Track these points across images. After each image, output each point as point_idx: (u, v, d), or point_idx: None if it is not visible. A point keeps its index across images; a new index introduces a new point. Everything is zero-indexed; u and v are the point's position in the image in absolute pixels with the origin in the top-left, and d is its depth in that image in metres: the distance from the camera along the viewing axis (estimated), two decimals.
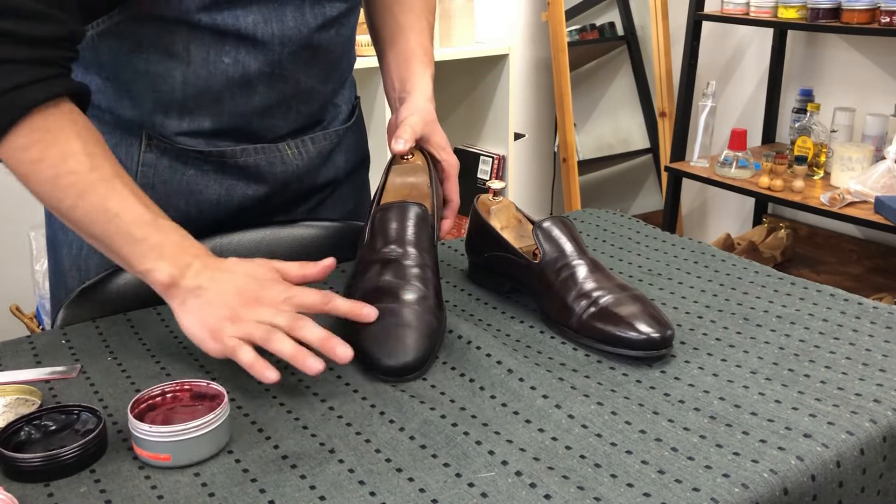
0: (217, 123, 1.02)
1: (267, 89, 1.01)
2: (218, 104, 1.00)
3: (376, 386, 0.80)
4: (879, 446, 0.72)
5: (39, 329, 2.12)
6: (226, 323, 0.78)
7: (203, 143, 1.02)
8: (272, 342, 0.77)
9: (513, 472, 0.66)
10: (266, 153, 1.06)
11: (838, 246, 2.86)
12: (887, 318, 0.92)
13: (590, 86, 3.19)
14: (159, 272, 0.80)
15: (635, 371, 0.82)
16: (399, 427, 0.74)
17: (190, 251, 0.81)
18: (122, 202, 0.81)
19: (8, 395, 0.78)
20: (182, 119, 1.00)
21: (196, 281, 0.79)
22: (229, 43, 0.96)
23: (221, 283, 0.79)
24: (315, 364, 0.76)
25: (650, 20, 3.11)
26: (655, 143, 3.23)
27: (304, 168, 1.11)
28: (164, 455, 0.68)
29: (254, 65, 0.98)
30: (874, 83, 2.67)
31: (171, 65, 0.96)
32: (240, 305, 0.78)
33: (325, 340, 0.77)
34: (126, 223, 0.81)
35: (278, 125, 1.06)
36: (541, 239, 0.91)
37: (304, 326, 0.77)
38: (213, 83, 0.98)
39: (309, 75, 1.04)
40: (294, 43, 0.99)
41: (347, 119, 1.17)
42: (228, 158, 1.03)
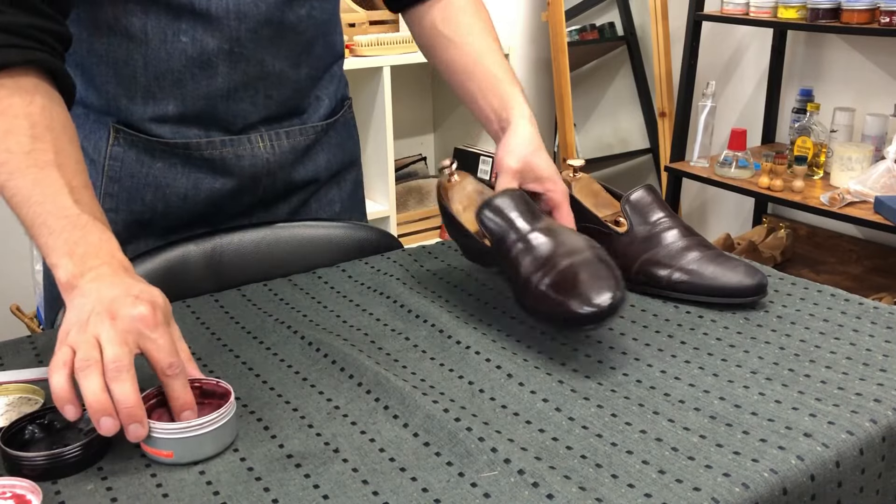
0: (181, 107, 1.01)
1: (228, 70, 1.00)
2: (180, 86, 0.99)
3: (382, 382, 0.80)
4: (879, 446, 0.72)
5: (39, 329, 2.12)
6: (73, 328, 0.69)
7: (170, 132, 1.01)
8: (86, 373, 0.66)
9: (515, 470, 0.66)
10: (234, 145, 1.05)
11: (838, 246, 2.87)
12: (888, 318, 0.92)
13: (590, 86, 3.20)
14: (62, 269, 0.73)
15: (636, 371, 0.82)
16: (403, 423, 0.74)
17: (102, 257, 0.74)
18: (49, 191, 0.76)
19: (10, 395, 0.79)
20: (146, 104, 1.00)
21: (89, 284, 0.72)
22: (185, 21, 0.95)
23: (105, 290, 0.71)
24: (106, 424, 0.66)
25: (650, 20, 3.12)
26: (655, 143, 3.23)
27: (276, 163, 1.09)
28: (166, 452, 0.69)
29: (211, 43, 0.97)
30: (874, 83, 2.68)
31: (130, 47, 0.96)
32: (99, 314, 0.69)
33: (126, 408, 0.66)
34: (46, 213, 0.76)
35: (247, 110, 1.04)
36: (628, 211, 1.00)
37: (121, 379, 0.66)
38: (173, 64, 0.97)
39: (276, 56, 1.02)
40: (251, 19, 0.98)
41: (329, 115, 1.15)
42: (194, 150, 1.03)
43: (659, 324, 0.92)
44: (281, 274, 1.08)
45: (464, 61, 1.06)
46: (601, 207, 1.08)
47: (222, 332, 0.93)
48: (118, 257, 0.75)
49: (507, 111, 1.00)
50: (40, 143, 0.78)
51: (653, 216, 1.00)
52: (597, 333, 0.90)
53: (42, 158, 0.78)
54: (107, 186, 1.04)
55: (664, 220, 0.99)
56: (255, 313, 0.97)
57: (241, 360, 0.87)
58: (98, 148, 1.04)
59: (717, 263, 0.95)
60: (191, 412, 0.70)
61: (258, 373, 0.84)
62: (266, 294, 1.02)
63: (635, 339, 0.89)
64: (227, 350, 0.89)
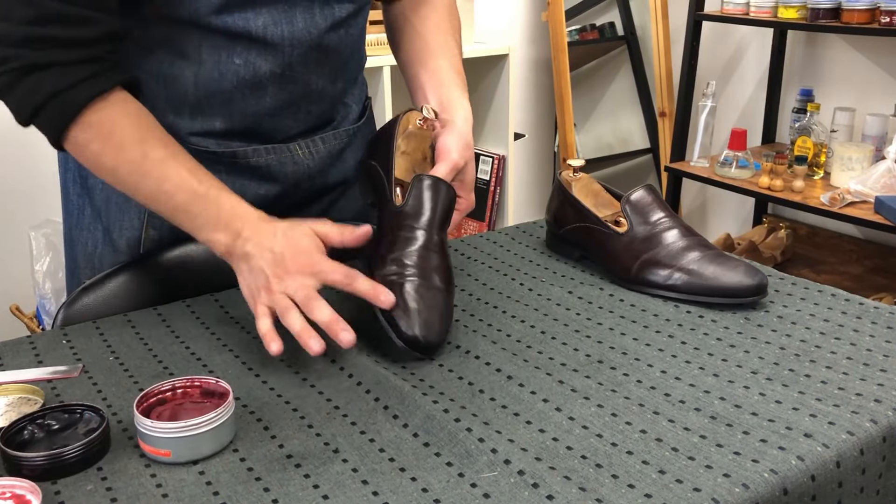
0: (228, 124, 1.03)
1: (277, 90, 1.02)
2: (229, 105, 1.01)
3: (382, 382, 0.80)
4: (879, 446, 0.72)
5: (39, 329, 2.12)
6: (261, 291, 0.85)
7: (214, 144, 1.03)
8: (286, 317, 0.83)
9: (515, 471, 0.66)
10: (277, 153, 1.06)
11: (838, 246, 2.87)
12: (888, 318, 0.92)
13: (590, 86, 3.20)
14: (216, 243, 0.88)
15: (636, 371, 0.82)
16: (403, 423, 0.74)
17: (242, 218, 0.88)
18: (175, 183, 0.88)
19: (10, 395, 0.79)
20: (194, 119, 1.01)
21: (245, 248, 0.86)
22: (240, 45, 0.97)
23: (263, 252, 0.85)
24: (314, 345, 0.81)
25: (650, 20, 3.11)
26: (655, 143, 3.23)
27: (316, 168, 1.11)
28: (164, 451, 0.69)
29: (264, 66, 0.99)
30: (874, 83, 2.67)
31: (182, 66, 0.98)
32: (273, 276, 0.84)
33: (330, 324, 0.82)
34: (181, 202, 0.89)
35: (288, 125, 1.06)
36: (628, 211, 1.00)
37: (316, 307, 0.83)
38: (225, 84, 0.99)
39: (319, 76, 1.05)
40: (304, 45, 1.00)
41: (358, 118, 1.17)
42: (240, 159, 1.04)
43: (659, 324, 0.92)
44: None
45: (420, 52, 1.10)
46: (601, 207, 1.08)
47: (222, 332, 0.93)
48: (251, 213, 0.89)
49: (452, 109, 1.04)
50: (150, 144, 0.90)
51: (653, 216, 1.00)
52: (597, 333, 0.90)
53: (156, 156, 0.89)
54: None
55: (664, 220, 0.99)
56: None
57: (240, 360, 0.87)
58: None
59: (717, 263, 0.95)
60: (386, 295, 0.84)
61: (258, 373, 0.84)
62: None
63: (636, 339, 0.89)
64: (227, 350, 0.89)
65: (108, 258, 1.07)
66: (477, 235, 1.20)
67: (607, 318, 0.94)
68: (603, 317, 0.94)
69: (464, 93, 1.06)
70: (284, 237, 0.86)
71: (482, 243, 1.17)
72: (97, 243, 1.08)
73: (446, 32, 1.12)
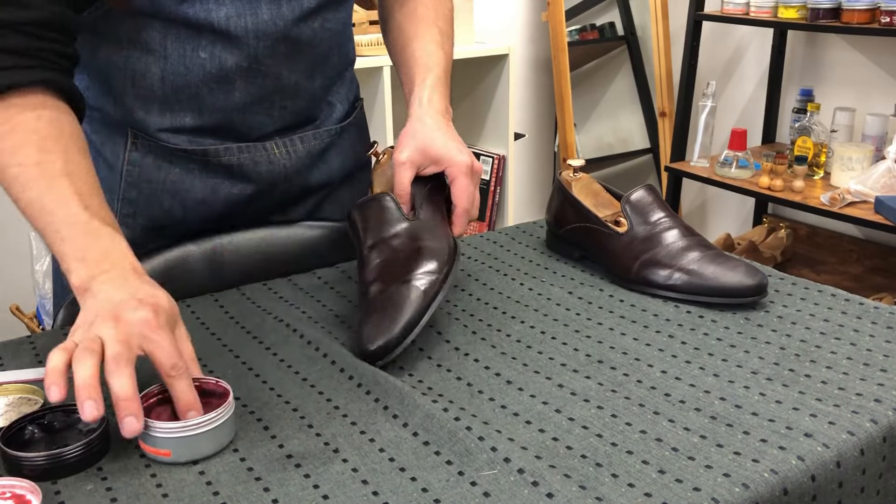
0: (198, 120, 1.01)
1: (246, 84, 1.00)
2: (197, 99, 1.00)
3: (381, 382, 0.80)
4: (879, 447, 0.72)
5: (39, 329, 2.12)
6: (80, 327, 0.72)
7: (186, 141, 1.02)
8: (80, 357, 0.68)
9: (515, 469, 0.66)
10: (251, 152, 1.05)
11: (838, 246, 2.87)
12: (888, 318, 0.92)
13: (590, 86, 3.20)
14: (74, 274, 0.76)
15: (636, 371, 0.82)
16: (402, 423, 0.74)
17: (112, 260, 0.77)
18: (59, 200, 0.78)
19: (10, 395, 0.79)
20: (163, 115, 1.00)
21: (100, 287, 0.74)
22: (205, 37, 0.96)
23: (115, 292, 0.73)
24: (87, 408, 0.66)
25: (650, 20, 3.12)
26: (655, 143, 3.23)
27: (293, 168, 1.09)
28: (164, 451, 0.69)
29: (230, 59, 0.98)
30: (874, 83, 2.67)
31: (148, 60, 0.97)
32: (104, 315, 0.71)
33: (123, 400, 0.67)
34: (57, 221, 0.78)
35: (262, 122, 1.05)
36: (628, 211, 1.01)
37: (119, 373, 0.68)
38: (191, 78, 0.98)
39: (292, 70, 1.03)
40: (269, 37, 0.98)
41: (342, 119, 1.15)
42: (212, 157, 1.03)
43: (659, 324, 0.92)
44: (281, 274, 1.08)
45: (403, 49, 1.09)
46: (601, 207, 1.08)
47: (222, 332, 0.93)
48: (128, 260, 0.78)
49: (412, 97, 1.02)
50: (49, 154, 0.80)
51: (653, 216, 1.00)
52: (597, 333, 0.90)
53: (51, 169, 0.80)
54: (125, 192, 1.04)
55: (664, 220, 0.99)
56: (255, 313, 0.97)
57: (241, 360, 0.87)
58: (116, 154, 1.04)
59: (717, 263, 0.95)
60: (195, 412, 0.71)
61: (258, 373, 0.84)
62: (266, 294, 1.02)
63: (636, 339, 0.89)
64: (227, 350, 0.89)
65: None
66: (477, 235, 1.20)
67: (607, 319, 0.94)
68: (603, 317, 0.94)
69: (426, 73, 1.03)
70: (149, 291, 0.75)
71: (482, 243, 1.17)
72: None
73: (428, 22, 1.10)
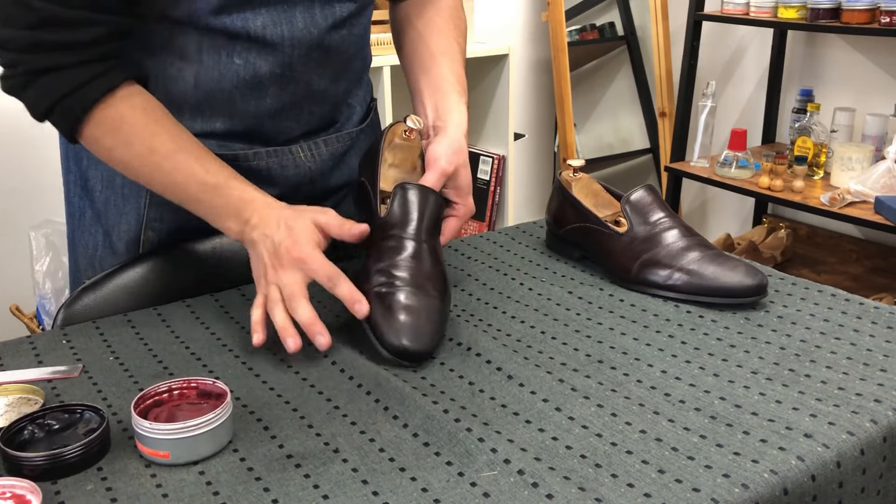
0: (229, 125, 1.02)
1: (278, 91, 1.02)
2: (229, 105, 1.01)
3: (382, 383, 0.80)
4: (880, 447, 0.72)
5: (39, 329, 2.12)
6: (261, 279, 0.89)
7: (215, 146, 1.02)
8: (272, 310, 0.86)
9: (515, 470, 0.66)
10: (278, 156, 1.06)
11: (838, 246, 2.87)
12: (888, 318, 0.92)
13: (590, 86, 3.20)
14: (229, 230, 0.91)
15: (636, 371, 0.82)
16: (403, 423, 0.74)
17: (250, 205, 0.90)
18: (185, 174, 0.91)
19: (10, 395, 0.79)
20: (194, 120, 1.01)
21: (251, 235, 0.89)
22: (240, 45, 0.97)
23: (265, 240, 0.88)
24: (291, 343, 0.84)
25: (650, 20, 3.11)
26: (655, 143, 3.23)
27: (317, 171, 1.11)
28: (163, 452, 0.69)
29: (264, 67, 0.99)
30: (874, 83, 2.67)
31: (182, 66, 0.98)
32: (270, 266, 0.88)
33: (308, 325, 0.85)
34: (193, 192, 0.92)
35: (290, 127, 1.06)
36: (628, 211, 1.01)
37: (297, 306, 0.85)
38: (225, 84, 0.99)
39: (321, 77, 1.04)
40: (304, 45, 1.00)
41: (361, 121, 1.16)
42: (241, 161, 1.04)
43: (659, 324, 0.92)
44: None
45: (422, 56, 1.10)
46: (601, 207, 1.08)
47: (222, 332, 0.93)
48: (258, 199, 0.91)
49: (446, 115, 1.03)
50: (158, 137, 0.91)
51: (653, 216, 1.00)
52: (597, 333, 0.90)
53: (165, 150, 0.91)
54: (153, 196, 1.04)
55: (664, 220, 0.99)
56: None
57: (240, 360, 0.87)
58: None
59: (717, 263, 0.95)
60: (360, 304, 0.85)
61: (258, 373, 0.84)
62: None
63: (636, 339, 0.89)
64: (227, 350, 0.89)
65: (108, 261, 1.08)
66: (477, 235, 1.20)
67: (607, 318, 0.94)
68: (603, 317, 0.94)
69: (461, 97, 1.05)
70: (286, 227, 0.88)
71: (482, 243, 1.17)
72: (98, 246, 1.08)
73: (449, 35, 1.10)
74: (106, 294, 1.02)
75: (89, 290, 1.01)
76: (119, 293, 1.03)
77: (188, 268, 1.07)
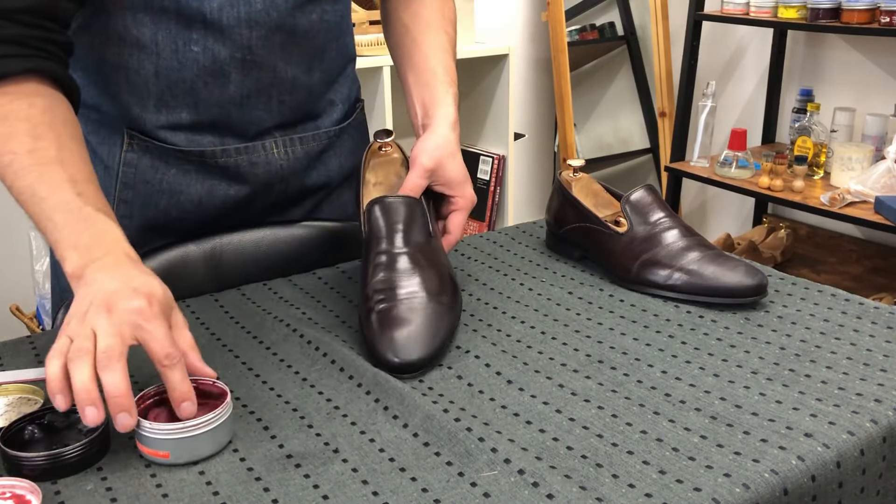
0: (195, 115, 1.01)
1: (241, 77, 1.00)
2: (192, 95, 0.99)
3: (382, 383, 0.80)
4: (880, 447, 0.72)
5: (39, 329, 2.12)
6: (73, 319, 0.71)
7: (184, 140, 1.01)
8: (75, 361, 0.67)
9: (515, 470, 0.66)
10: (248, 153, 1.05)
11: (838, 246, 2.87)
12: (888, 318, 0.92)
13: (590, 86, 3.20)
14: (68, 261, 0.75)
15: (636, 372, 0.82)
16: (403, 423, 0.74)
17: (106, 247, 0.75)
18: (52, 187, 0.78)
19: (10, 395, 0.79)
20: (159, 112, 1.00)
21: (95, 274, 0.73)
22: (196, 31, 0.95)
23: (108, 282, 0.72)
24: (89, 415, 0.66)
25: (650, 20, 3.12)
26: (655, 143, 3.23)
27: (290, 169, 1.09)
28: (162, 452, 0.69)
29: (223, 51, 0.97)
30: (874, 83, 2.67)
31: (141, 56, 0.96)
32: (98, 304, 0.70)
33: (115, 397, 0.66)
34: (50, 208, 0.77)
35: (261, 117, 1.04)
36: (628, 211, 1.00)
37: (111, 369, 0.67)
38: (185, 73, 0.97)
39: (288, 62, 1.02)
40: (263, 26, 0.98)
41: (342, 119, 1.14)
42: (209, 158, 1.03)
43: (659, 324, 0.92)
44: (281, 274, 1.07)
45: (408, 49, 1.07)
46: (601, 207, 1.08)
47: (222, 332, 0.93)
48: (122, 247, 0.76)
49: (433, 109, 1.01)
50: (42, 141, 0.80)
51: (653, 216, 1.00)
52: (597, 333, 0.90)
53: (44, 156, 0.79)
54: (121, 192, 1.04)
55: (664, 220, 0.99)
56: (255, 313, 0.97)
57: (241, 360, 0.87)
58: (112, 154, 1.04)
59: (717, 263, 0.95)
60: (189, 403, 0.70)
61: (258, 373, 0.84)
62: (266, 294, 1.02)
63: (636, 339, 0.89)
64: (226, 350, 0.89)
65: None
66: (477, 235, 1.20)
67: (607, 319, 0.94)
68: (603, 317, 0.94)
69: (448, 88, 1.02)
70: (144, 280, 0.73)
71: (482, 243, 1.17)
72: None
73: (437, 26, 1.08)
74: None
75: None
76: None
77: (188, 268, 1.07)
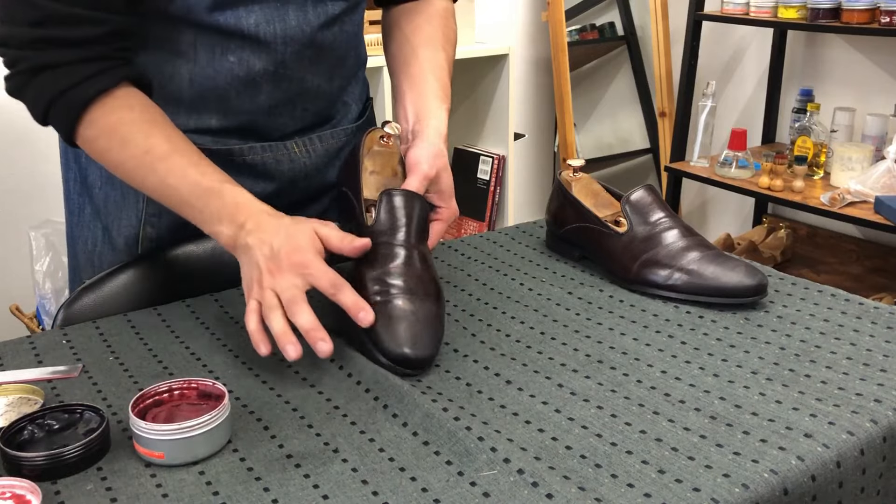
0: (223, 122, 1.03)
1: (272, 88, 1.02)
2: (224, 103, 1.01)
3: (381, 381, 0.80)
4: (879, 447, 0.72)
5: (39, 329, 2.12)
6: (254, 285, 0.85)
7: (210, 141, 1.03)
8: (269, 316, 0.82)
9: (514, 470, 0.66)
10: (273, 151, 1.06)
11: (838, 246, 2.87)
12: (888, 318, 0.92)
13: (590, 86, 3.20)
14: (221, 235, 0.88)
15: (636, 371, 0.82)
16: (402, 422, 0.74)
17: (245, 210, 0.87)
18: (179, 177, 0.89)
19: (10, 395, 0.79)
20: (189, 117, 1.01)
21: (246, 240, 0.86)
22: (234, 42, 0.97)
23: (262, 245, 0.85)
24: (290, 351, 0.80)
25: (650, 20, 3.11)
26: (655, 143, 3.23)
27: (312, 166, 1.11)
28: (157, 453, 0.69)
29: (258, 64, 0.99)
30: (874, 83, 2.67)
31: (178, 64, 0.98)
32: (266, 271, 0.84)
33: (309, 331, 0.81)
34: (186, 195, 0.89)
35: (285, 123, 1.07)
36: (628, 211, 1.00)
37: (297, 311, 0.81)
38: (219, 82, 0.99)
39: (315, 74, 1.05)
40: (297, 42, 1.00)
41: (357, 118, 1.17)
42: (236, 156, 1.04)
43: (659, 324, 0.92)
44: None
45: (409, 60, 1.09)
46: (601, 207, 1.08)
47: (222, 332, 0.93)
48: (257, 206, 0.88)
49: (426, 119, 1.02)
50: (152, 139, 0.90)
51: (653, 216, 1.00)
52: (596, 333, 0.90)
53: (160, 152, 0.90)
54: None
55: (664, 220, 0.99)
56: None
57: (240, 360, 0.87)
58: None
59: (717, 263, 0.95)
60: (365, 313, 0.82)
61: (258, 373, 0.84)
62: None
63: (635, 339, 0.89)
64: (226, 350, 0.89)
65: (107, 256, 1.08)
66: (477, 235, 1.20)
67: (607, 319, 0.94)
68: (603, 317, 0.94)
69: (442, 103, 1.04)
70: (286, 233, 0.85)
71: (482, 243, 1.18)
72: (97, 241, 1.09)
73: (437, 42, 1.10)
74: (106, 294, 1.02)
75: (89, 289, 1.01)
76: (119, 293, 1.03)
77: (188, 268, 1.07)
